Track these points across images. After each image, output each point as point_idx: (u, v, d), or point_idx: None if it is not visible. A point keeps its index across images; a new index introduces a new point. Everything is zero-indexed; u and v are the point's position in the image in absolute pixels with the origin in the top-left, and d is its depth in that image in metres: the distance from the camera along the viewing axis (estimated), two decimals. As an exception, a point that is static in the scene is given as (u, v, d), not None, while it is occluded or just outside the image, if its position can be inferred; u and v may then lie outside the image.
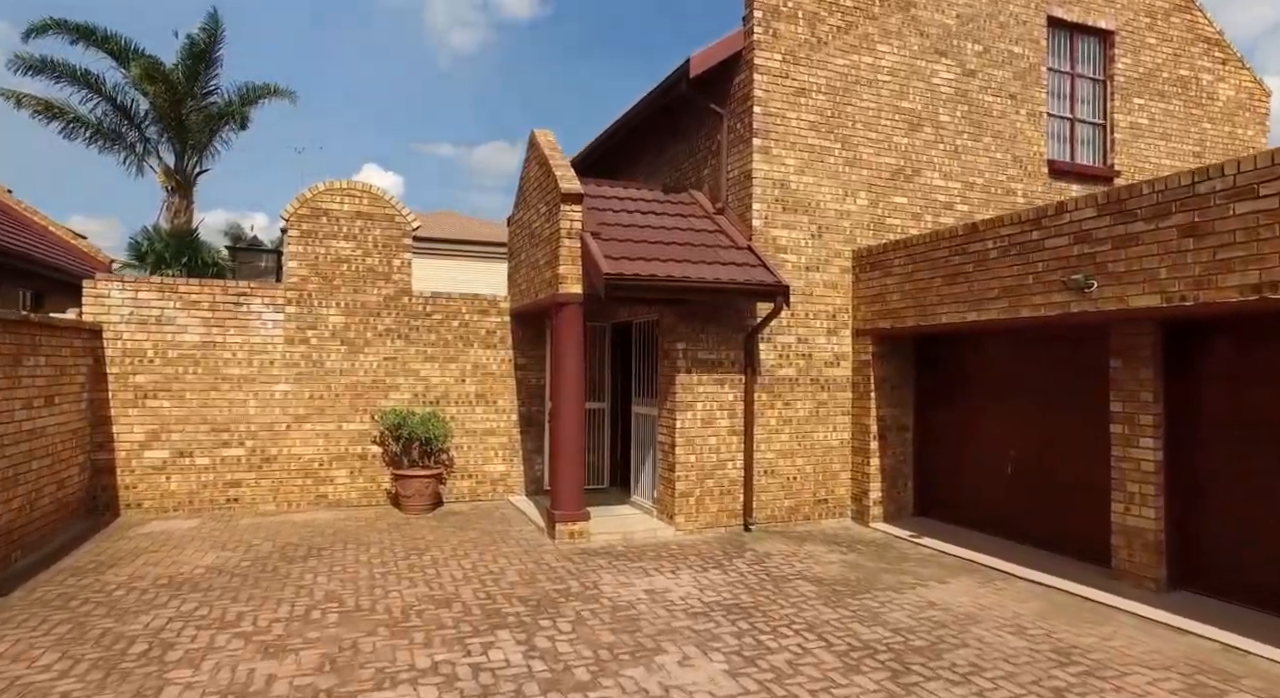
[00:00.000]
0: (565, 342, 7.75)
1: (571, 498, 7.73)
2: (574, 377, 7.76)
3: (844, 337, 8.93)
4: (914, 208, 9.26)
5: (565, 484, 7.74)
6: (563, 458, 7.77)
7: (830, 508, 8.81)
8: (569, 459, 7.75)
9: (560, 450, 7.79)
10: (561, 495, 7.74)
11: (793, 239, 8.70)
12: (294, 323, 9.07)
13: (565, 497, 7.73)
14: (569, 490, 7.74)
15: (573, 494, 7.74)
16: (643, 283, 7.34)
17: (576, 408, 7.78)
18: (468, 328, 9.86)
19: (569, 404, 7.75)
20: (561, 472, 7.77)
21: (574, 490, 7.75)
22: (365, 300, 9.38)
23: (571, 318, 7.73)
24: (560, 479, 7.78)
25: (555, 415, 7.90)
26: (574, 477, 7.76)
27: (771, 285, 7.83)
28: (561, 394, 7.78)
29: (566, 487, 7.74)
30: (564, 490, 7.74)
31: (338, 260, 9.28)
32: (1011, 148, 9.77)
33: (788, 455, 8.63)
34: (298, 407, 9.04)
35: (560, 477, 7.78)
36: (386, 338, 9.46)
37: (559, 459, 7.81)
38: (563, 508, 7.70)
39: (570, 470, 7.75)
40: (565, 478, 7.75)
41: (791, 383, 8.68)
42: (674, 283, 7.46)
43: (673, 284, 7.46)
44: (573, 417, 7.76)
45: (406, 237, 9.61)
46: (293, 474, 9.00)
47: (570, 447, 7.75)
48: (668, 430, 8.33)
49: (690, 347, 8.23)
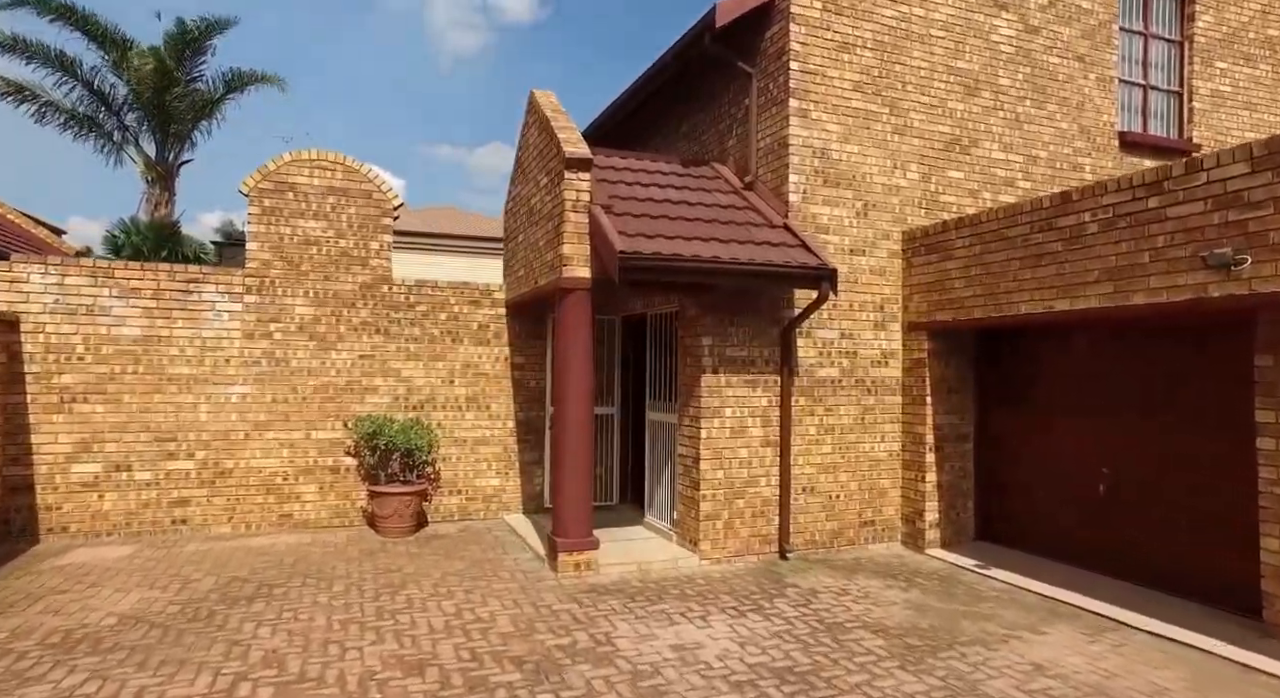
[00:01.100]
0: (570, 335, 6.50)
1: (577, 522, 6.48)
2: (581, 377, 6.51)
3: (893, 331, 7.68)
4: (970, 183, 8.02)
5: (570, 505, 6.49)
6: (567, 474, 6.51)
7: (878, 531, 7.56)
8: (574, 475, 6.50)
9: (564, 465, 6.53)
10: (565, 519, 6.49)
11: (835, 217, 7.47)
12: (254, 315, 7.82)
13: (570, 521, 6.48)
14: (574, 513, 6.48)
15: (579, 518, 6.49)
16: (663, 264, 6.09)
17: (583, 414, 6.53)
18: (457, 321, 8.61)
19: (575, 410, 6.50)
20: (565, 490, 6.52)
21: (580, 513, 6.50)
22: (338, 289, 8.13)
23: (578, 307, 6.48)
24: (564, 499, 6.52)
25: (558, 423, 6.65)
26: (580, 496, 6.51)
27: (815, 269, 6.59)
28: (566, 398, 6.53)
29: (571, 508, 6.49)
30: (568, 513, 6.49)
31: (306, 242, 8.04)
32: (1079, 117, 8.54)
33: (829, 470, 7.38)
34: (258, 412, 7.79)
35: (564, 496, 6.53)
36: (362, 332, 8.21)
37: (562, 475, 6.55)
38: (567, 534, 6.45)
39: (576, 489, 6.50)
40: (570, 498, 6.50)
41: (834, 385, 7.43)
42: (700, 264, 6.21)
43: (699, 266, 6.21)
44: (579, 425, 6.51)
45: (386, 216, 8.37)
46: (252, 491, 7.75)
47: (576, 460, 6.50)
48: (690, 441, 7.08)
49: (717, 342, 6.99)
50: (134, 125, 18.23)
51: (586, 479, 6.57)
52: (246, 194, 7.80)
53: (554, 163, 6.75)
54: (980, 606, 5.71)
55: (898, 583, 6.31)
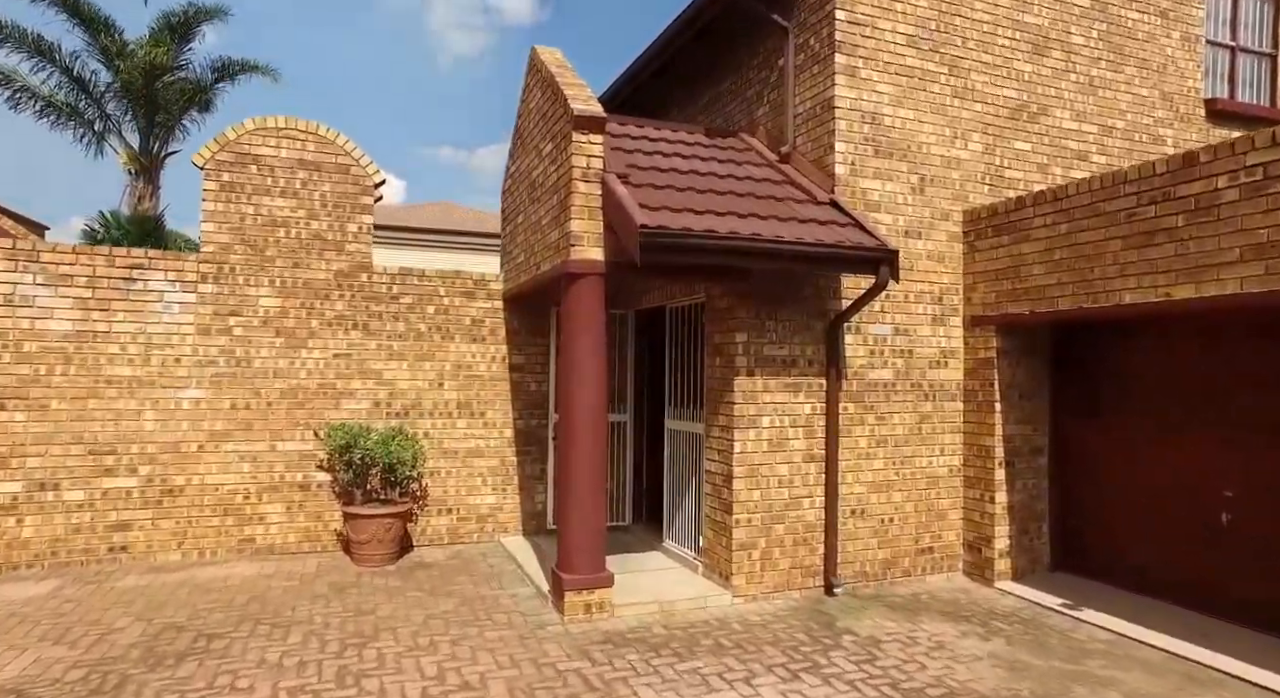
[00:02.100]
0: (580, 330, 5.41)
1: (587, 555, 5.39)
2: (592, 380, 5.43)
3: (953, 326, 6.60)
4: (1038, 156, 6.94)
5: (578, 534, 5.40)
6: (575, 497, 5.42)
7: (936, 560, 6.47)
8: (584, 498, 5.41)
9: (571, 486, 5.44)
10: (573, 551, 5.40)
11: (887, 194, 6.38)
12: (209, 307, 6.73)
13: (578, 553, 5.38)
14: (584, 544, 5.39)
15: (589, 549, 5.40)
16: (694, 242, 5.00)
17: (595, 424, 5.44)
18: (447, 316, 7.52)
19: (585, 419, 5.41)
20: (573, 516, 5.42)
21: (590, 543, 5.41)
22: (309, 278, 7.04)
23: (588, 296, 5.40)
24: (571, 527, 5.43)
25: (565, 435, 5.56)
26: (591, 524, 5.42)
27: (872, 250, 5.50)
28: (574, 405, 5.44)
29: (580, 538, 5.39)
30: (576, 544, 5.39)
31: (272, 224, 6.95)
32: (1160, 82, 7.46)
33: (882, 489, 6.29)
34: (214, 420, 6.70)
35: (571, 524, 5.43)
36: (338, 328, 7.12)
37: (569, 498, 5.46)
38: (575, 569, 5.36)
39: (585, 514, 5.41)
40: (578, 525, 5.41)
41: (887, 389, 6.34)
42: (738, 243, 5.12)
43: (736, 244, 5.12)
44: (590, 437, 5.42)
45: (366, 194, 7.28)
46: (206, 512, 6.65)
47: (586, 481, 5.41)
48: (721, 455, 5.99)
49: (753, 339, 5.91)
50: (116, 114, 17.40)
51: (598, 503, 5.48)
52: (202, 167, 6.71)
53: (560, 124, 5.67)
54: (1088, 663, 4.62)
55: (974, 629, 5.21)
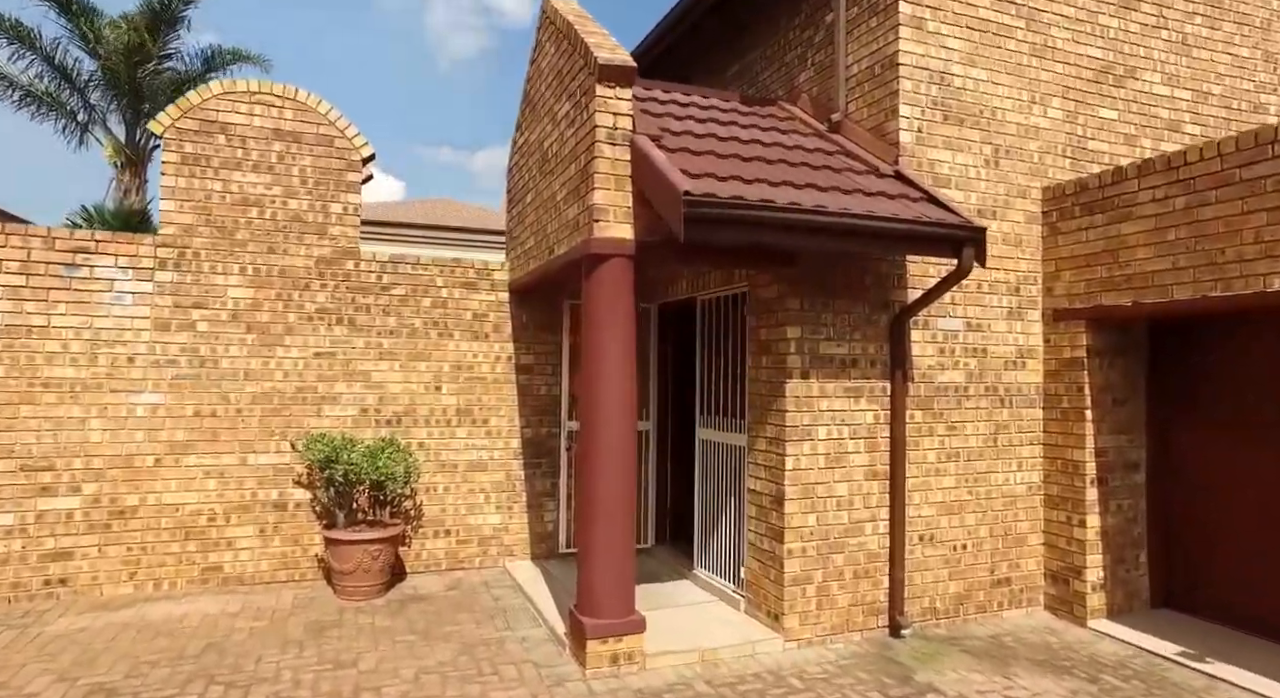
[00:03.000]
0: (604, 322, 4.49)
1: (614, 594, 4.46)
2: (620, 382, 4.50)
3: (1031, 321, 5.69)
4: (1125, 126, 6.03)
5: (603, 569, 4.47)
6: (599, 522, 4.49)
7: (1014, 592, 5.55)
8: (610, 524, 4.48)
9: (595, 509, 4.51)
10: (596, 590, 4.47)
11: (958, 167, 5.48)
12: (169, 298, 5.81)
13: (603, 592, 4.45)
14: (609, 581, 4.46)
15: (615, 587, 4.47)
16: (748, 214, 4.08)
17: (623, 434, 4.51)
18: (445, 309, 6.60)
19: (612, 429, 4.48)
20: (597, 546, 4.50)
21: (617, 580, 4.48)
22: (286, 265, 6.12)
23: (615, 282, 4.48)
24: (594, 559, 4.50)
25: (586, 450, 4.63)
26: (617, 555, 4.49)
27: (957, 228, 4.58)
28: (598, 412, 4.51)
29: (605, 574, 4.47)
30: (601, 581, 4.47)
31: (242, 202, 6.03)
32: (1263, 42, 6.56)
33: (953, 510, 5.38)
34: (175, 429, 5.77)
35: (594, 555, 4.50)
36: (319, 323, 6.20)
37: (593, 524, 4.53)
38: (599, 612, 4.43)
39: (612, 544, 4.48)
40: (602, 557, 4.48)
41: (958, 394, 5.43)
42: (799, 216, 4.20)
43: (797, 218, 4.19)
44: (618, 449, 4.50)
45: (353, 170, 6.36)
46: (164, 536, 5.72)
47: (613, 502, 4.48)
48: (769, 473, 5.07)
49: (808, 335, 4.99)
50: (101, 104, 16.64)
51: (626, 531, 4.55)
52: (160, 135, 5.79)
53: (580, 79, 4.75)
54: (1243, 737, 3.70)
55: (1082, 685, 4.29)
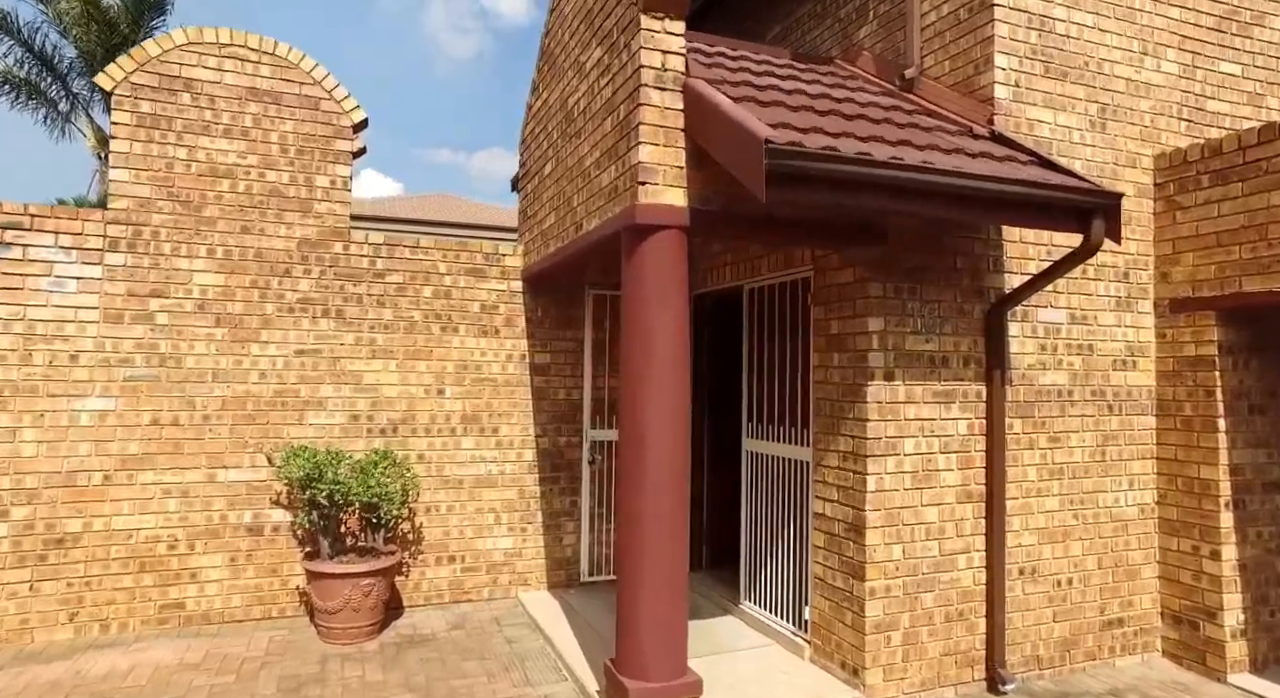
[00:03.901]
0: (652, 309, 3.60)
1: (663, 648, 3.57)
2: (670, 385, 3.61)
3: (1141, 313, 4.83)
4: (1248, 83, 5.18)
5: (650, 617, 3.57)
6: (647, 560, 3.59)
7: (1127, 636, 4.68)
8: (659, 562, 3.58)
9: (641, 542, 3.61)
10: (643, 643, 3.57)
11: (1060, 129, 4.61)
12: (122, 285, 4.91)
13: (650, 645, 3.56)
14: (658, 631, 3.57)
15: (665, 639, 3.58)
16: (848, 172, 3.18)
17: (674, 448, 3.63)
18: (449, 300, 5.71)
19: (662, 441, 3.59)
20: (643, 588, 3.60)
21: (668, 629, 3.59)
22: (263, 247, 5.22)
23: (664, 260, 3.59)
24: (640, 604, 3.60)
25: (629, 470, 3.73)
26: (667, 601, 3.60)
27: (1089, 193, 3.71)
28: (644, 421, 3.61)
29: (653, 622, 3.57)
30: (648, 632, 3.57)
31: (211, 174, 5.13)
32: (1389, -6, 5.72)
33: (1057, 537, 4.51)
34: (128, 440, 4.86)
35: (640, 599, 3.60)
36: (302, 315, 5.30)
37: (638, 560, 3.62)
38: (645, 672, 3.53)
39: (661, 585, 3.58)
40: (651, 603, 3.58)
41: (1062, 399, 4.57)
42: (907, 176, 3.29)
43: (904, 178, 3.29)
44: (669, 465, 3.61)
45: (342, 138, 5.47)
46: (114, 568, 4.81)
47: (662, 534, 3.59)
48: (846, 494, 4.19)
49: (892, 328, 4.12)
50: (84, 92, 15.90)
51: (678, 570, 3.65)
52: (111, 92, 4.88)
53: (617, 14, 3.87)
54: None
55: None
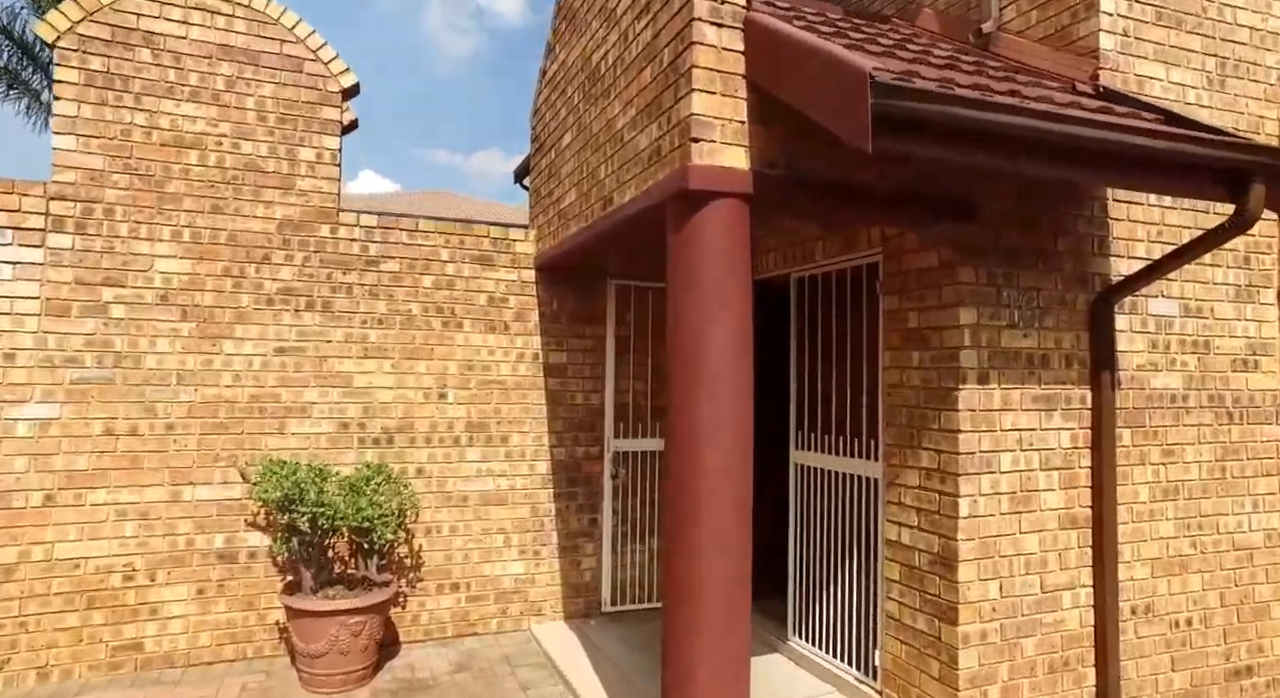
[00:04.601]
0: (708, 299, 2.89)
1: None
2: (730, 390, 2.90)
3: (1264, 305, 4.13)
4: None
5: (708, 666, 2.86)
6: (706, 602, 2.88)
7: (1257, 689, 3.97)
8: (717, 604, 2.87)
9: (697, 580, 2.89)
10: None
11: (1173, 87, 3.92)
12: (68, 271, 4.20)
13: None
14: (716, 687, 2.86)
15: (724, 694, 2.88)
16: (972, 120, 2.47)
17: (737, 468, 2.91)
18: (452, 291, 5.01)
19: (720, 460, 2.88)
20: (701, 637, 2.88)
21: (728, 684, 2.88)
22: (238, 229, 4.52)
23: (724, 235, 2.89)
24: (694, 652, 2.88)
25: (678, 488, 3.02)
26: (729, 652, 2.89)
27: (1249, 149, 2.99)
28: (697, 435, 2.90)
29: (711, 674, 2.86)
30: (704, 686, 2.86)
31: (176, 144, 4.42)
32: None
33: (1173, 569, 3.81)
34: (75, 454, 4.16)
35: (696, 652, 2.88)
36: (283, 308, 4.60)
37: (693, 604, 2.90)
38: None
39: (718, 628, 2.87)
40: (710, 656, 2.86)
41: (1175, 405, 3.87)
42: (1049, 128, 2.58)
43: (1051, 130, 2.58)
44: (729, 492, 2.90)
45: (329, 105, 4.77)
46: (57, 605, 4.10)
47: (723, 571, 2.88)
48: (928, 518, 3.48)
49: (987, 320, 3.42)
50: None
51: (740, 613, 2.94)
52: (53, 44, 4.18)
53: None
54: None
55: None
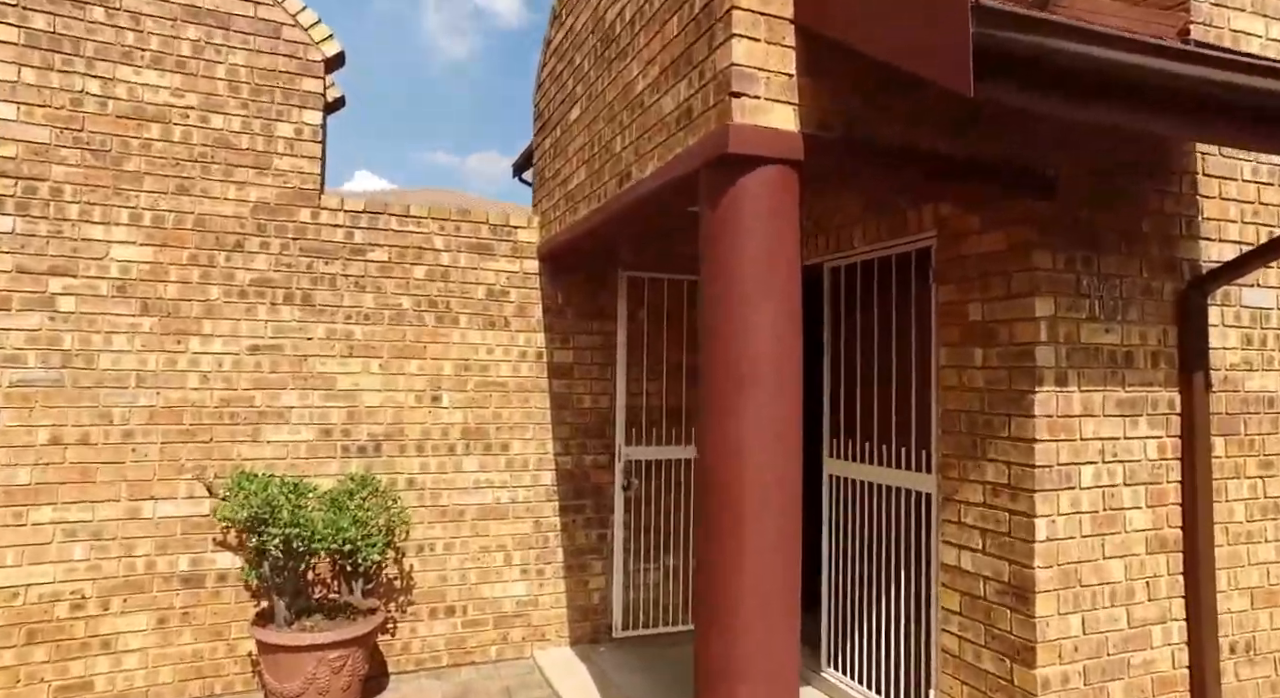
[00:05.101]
0: (751, 285, 2.40)
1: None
2: (776, 390, 2.41)
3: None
4: None
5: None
6: (753, 636, 2.39)
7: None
8: (758, 633, 2.38)
9: (738, 611, 2.40)
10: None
11: (1271, 44, 3.43)
12: (8, 259, 3.70)
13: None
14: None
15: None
16: (1090, 58, 1.99)
17: (782, 478, 2.42)
18: (447, 283, 4.51)
19: (762, 469, 2.39)
20: (747, 678, 2.39)
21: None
22: (206, 213, 4.03)
23: (769, 208, 2.40)
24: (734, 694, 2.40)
25: (716, 506, 2.53)
26: (777, 694, 2.41)
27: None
28: (740, 443, 2.40)
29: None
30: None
31: (136, 116, 3.93)
32: None
33: (1275, 600, 3.31)
34: (15, 466, 3.66)
35: (737, 692, 2.41)
36: (258, 301, 4.10)
37: (735, 640, 2.41)
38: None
39: (759, 664, 2.38)
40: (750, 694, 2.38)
41: (1274, 410, 3.37)
42: (1179, 70, 2.11)
43: (1168, 68, 2.11)
44: (775, 508, 2.41)
45: (311, 75, 4.28)
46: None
47: (765, 593, 2.39)
48: (996, 541, 2.98)
49: (1064, 313, 2.92)
50: None
51: (788, 638, 2.45)
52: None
53: None
54: None
55: None
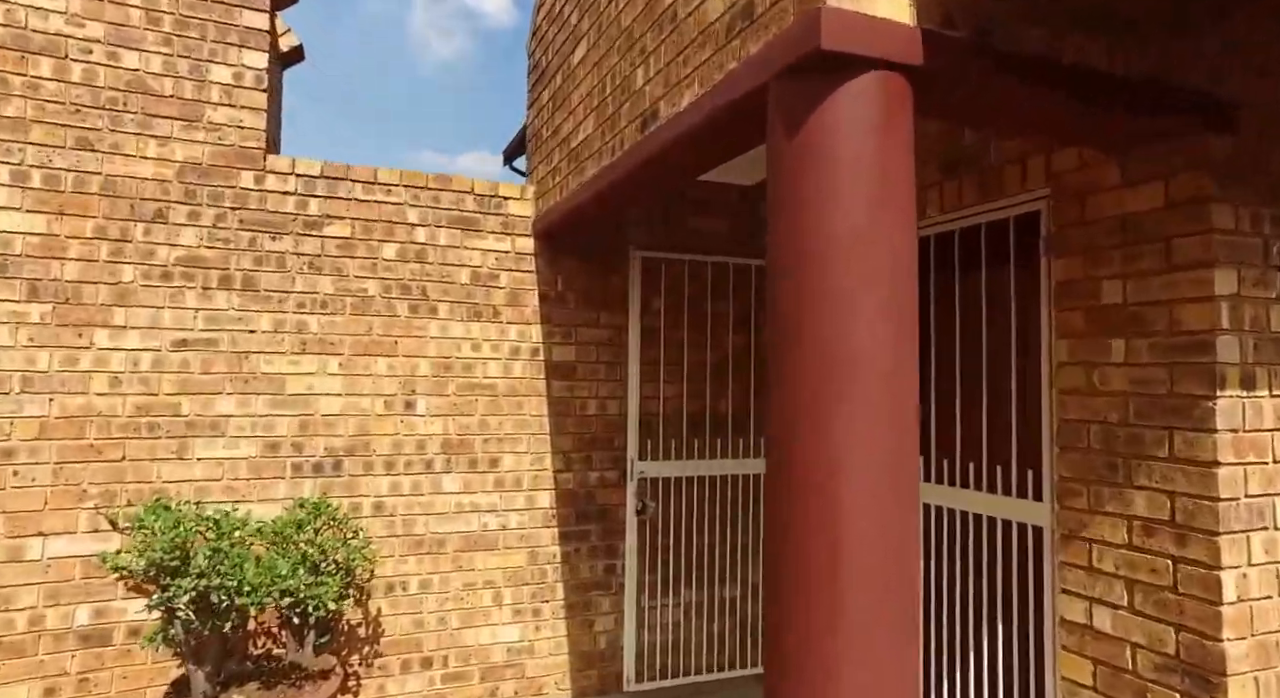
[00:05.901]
0: (850, 236, 1.63)
1: None
2: (884, 376, 1.63)
3: None
4: None
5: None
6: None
7: None
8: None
9: (832, 659, 1.63)
10: None
11: None
12: None
13: None
14: None
15: None
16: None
17: (903, 509, 1.65)
18: (424, 265, 3.72)
19: (865, 495, 1.61)
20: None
21: None
22: (118, 175, 3.22)
23: (876, 132, 1.62)
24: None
25: (796, 527, 1.76)
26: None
27: None
28: (836, 456, 1.62)
29: None
30: None
31: (19, 47, 3.13)
32: None
33: None
34: None
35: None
36: (185, 285, 3.30)
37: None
38: None
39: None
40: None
41: None
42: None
43: None
44: (880, 550, 1.62)
45: (254, 8, 3.48)
46: None
47: (871, 649, 1.61)
48: (1154, 598, 2.19)
49: (1251, 290, 2.15)
50: None
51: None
52: None
53: None
54: None
55: None
